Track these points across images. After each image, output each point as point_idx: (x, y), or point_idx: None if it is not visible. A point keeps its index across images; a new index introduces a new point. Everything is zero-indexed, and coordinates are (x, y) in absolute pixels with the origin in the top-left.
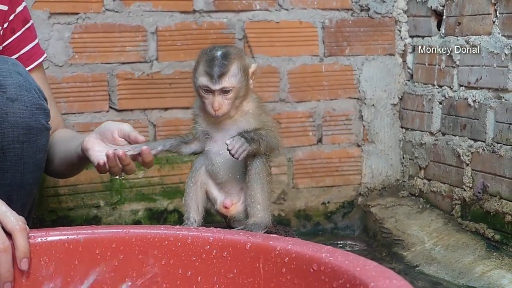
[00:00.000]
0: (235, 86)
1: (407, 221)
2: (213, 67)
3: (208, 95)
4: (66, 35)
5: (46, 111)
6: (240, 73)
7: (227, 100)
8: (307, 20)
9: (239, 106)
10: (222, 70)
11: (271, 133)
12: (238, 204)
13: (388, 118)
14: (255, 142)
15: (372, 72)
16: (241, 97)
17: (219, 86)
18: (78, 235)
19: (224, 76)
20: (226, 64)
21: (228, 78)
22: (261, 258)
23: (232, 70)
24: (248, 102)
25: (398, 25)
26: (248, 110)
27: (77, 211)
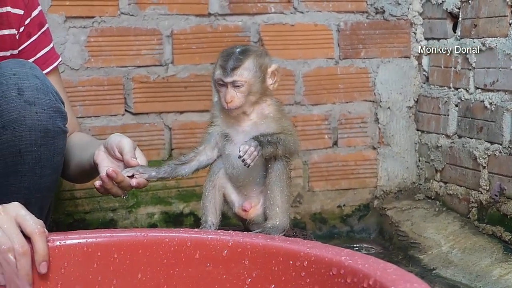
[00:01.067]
0: (247, 80)
1: (423, 224)
2: (228, 60)
3: (222, 89)
4: (81, 39)
5: (63, 114)
6: (255, 69)
7: (239, 93)
8: (322, 23)
9: (256, 104)
10: (236, 63)
11: (290, 137)
12: (257, 206)
13: (404, 120)
14: (272, 145)
15: (388, 75)
16: (256, 94)
17: (230, 78)
18: (97, 239)
19: (237, 69)
20: (241, 58)
21: (241, 72)
22: (280, 261)
23: (246, 64)
24: (269, 105)
25: (413, 28)
26: (268, 113)
27: (93, 214)
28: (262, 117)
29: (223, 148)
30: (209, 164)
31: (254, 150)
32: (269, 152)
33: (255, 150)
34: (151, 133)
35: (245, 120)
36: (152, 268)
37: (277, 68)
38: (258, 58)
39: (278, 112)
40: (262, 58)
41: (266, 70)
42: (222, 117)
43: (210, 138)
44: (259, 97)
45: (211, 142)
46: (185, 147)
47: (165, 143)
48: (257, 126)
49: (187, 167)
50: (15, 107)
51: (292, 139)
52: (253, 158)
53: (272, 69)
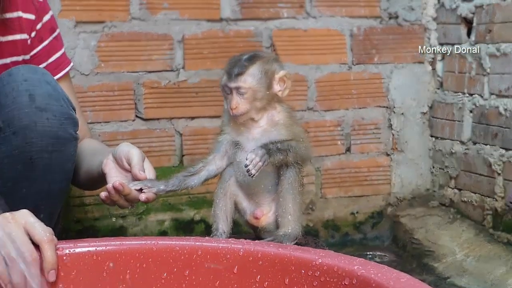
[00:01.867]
0: (251, 86)
1: (437, 232)
2: (234, 67)
3: (228, 95)
4: (92, 44)
5: (74, 121)
6: (260, 75)
7: (244, 100)
8: (335, 28)
9: (264, 111)
10: (240, 69)
11: (301, 144)
12: (268, 214)
13: (418, 126)
14: (281, 152)
15: (401, 80)
16: (262, 101)
17: (234, 84)
18: (106, 247)
19: (241, 75)
20: (245, 65)
21: (245, 78)
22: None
23: (250, 70)
24: (279, 112)
25: (427, 33)
26: (279, 120)
27: (102, 221)
28: (273, 124)
29: (234, 156)
30: (219, 173)
31: (259, 160)
32: (279, 160)
33: (261, 159)
34: (162, 139)
35: (255, 127)
36: (163, 277)
37: (285, 74)
38: (264, 64)
39: (289, 119)
40: (269, 64)
41: (273, 76)
42: (232, 125)
43: (220, 146)
44: (267, 104)
45: (220, 151)
46: (196, 153)
47: (176, 149)
48: (267, 133)
49: (195, 178)
50: (27, 113)
51: (304, 146)
52: (258, 168)
53: (280, 76)
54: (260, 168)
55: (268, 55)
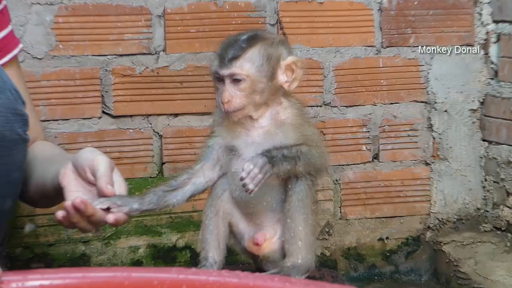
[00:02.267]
0: (249, 74)
1: (490, 264)
2: (228, 49)
3: (220, 85)
4: (47, 19)
5: (24, 118)
6: (262, 61)
7: (239, 92)
8: (359, 0)
9: (266, 107)
10: (236, 52)
11: (315, 150)
12: (273, 239)
13: (466, 128)
14: (289, 161)
15: (445, 68)
16: (263, 94)
17: (228, 71)
18: (65, 280)
19: (237, 60)
20: (243, 46)
21: (241, 63)
22: None
23: (249, 54)
24: (286, 108)
25: (478, 7)
26: (285, 119)
27: (59, 247)
28: (278, 124)
29: (229, 165)
30: (209, 187)
31: (259, 172)
32: (285, 170)
33: (260, 171)
34: (136, 142)
35: (255, 128)
36: None
37: (294, 61)
38: (267, 47)
39: (299, 117)
40: (274, 48)
41: (278, 63)
42: (225, 125)
43: (210, 153)
44: (269, 98)
45: (210, 159)
46: (180, 161)
47: (154, 155)
48: (271, 135)
49: (179, 193)
50: None
51: (318, 152)
52: (257, 182)
53: (287, 63)
54: (260, 182)
55: (273, 36)
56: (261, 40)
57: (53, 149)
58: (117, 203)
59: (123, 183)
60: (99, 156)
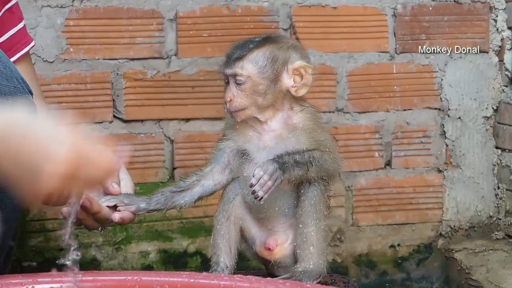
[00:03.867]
0: (250, 75)
1: (502, 272)
2: (235, 49)
3: (226, 87)
4: (58, 22)
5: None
6: (266, 62)
7: (241, 92)
8: (373, 6)
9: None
10: (240, 53)
11: (327, 155)
12: (284, 245)
13: (479, 135)
14: (301, 166)
15: (459, 75)
16: (266, 96)
17: (230, 70)
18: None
19: (240, 60)
20: (250, 47)
21: (244, 63)
22: None
23: (253, 55)
24: (298, 113)
25: (493, 13)
26: (297, 123)
27: None
28: (290, 129)
29: (240, 169)
30: (217, 190)
31: (269, 179)
32: (297, 176)
33: (270, 178)
34: (147, 147)
35: (266, 132)
36: None
37: (303, 65)
38: (274, 49)
39: (311, 122)
40: (282, 51)
41: (285, 66)
42: (237, 128)
43: (221, 156)
44: (274, 101)
45: (220, 162)
46: (191, 166)
47: (165, 160)
48: (283, 140)
49: (187, 195)
50: None
51: (331, 158)
52: (267, 189)
53: (294, 66)
54: (269, 189)
55: (286, 40)
56: (269, 43)
57: None
58: (124, 202)
59: (130, 181)
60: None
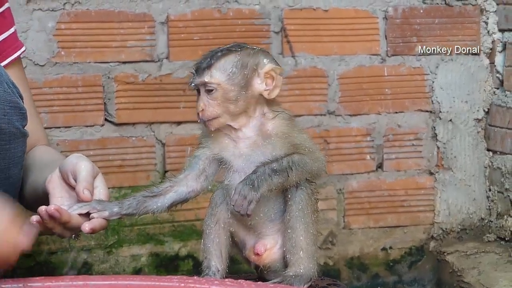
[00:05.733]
0: (219, 83)
1: (494, 274)
2: (203, 59)
3: (198, 95)
4: (49, 26)
5: (22, 112)
6: (234, 69)
7: (212, 100)
8: (365, 8)
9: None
10: (209, 62)
11: (308, 157)
12: (273, 249)
13: (471, 137)
14: (280, 174)
15: (450, 77)
16: (238, 103)
17: (199, 79)
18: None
19: (209, 68)
20: (217, 56)
21: (213, 72)
22: None
23: (221, 63)
24: (271, 119)
25: (484, 15)
26: (271, 130)
27: (61, 256)
28: (265, 136)
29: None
30: (191, 197)
31: (244, 200)
32: (277, 184)
33: (246, 199)
34: (139, 150)
35: (242, 140)
36: None
37: (273, 68)
38: (242, 56)
39: (286, 127)
40: (251, 57)
41: (256, 71)
42: (213, 136)
43: (195, 163)
44: (246, 107)
45: (195, 169)
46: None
47: (156, 163)
48: (259, 147)
49: (159, 200)
50: None
51: (312, 158)
52: (246, 208)
53: (265, 70)
54: (249, 208)
55: (253, 47)
56: (236, 50)
57: (52, 155)
58: (97, 208)
59: (105, 189)
60: (83, 161)
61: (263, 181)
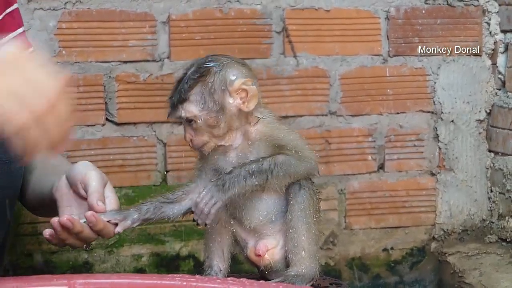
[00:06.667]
0: (195, 114)
1: (495, 275)
2: (174, 92)
3: (183, 126)
4: (50, 25)
5: None
6: (206, 98)
7: (197, 130)
8: (366, 9)
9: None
10: (180, 96)
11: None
12: (275, 250)
13: (472, 138)
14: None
15: (452, 78)
16: (219, 126)
17: (176, 114)
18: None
19: (181, 103)
20: (185, 89)
21: (185, 106)
22: None
23: (191, 96)
24: (254, 125)
25: (486, 16)
26: (255, 135)
27: (61, 255)
28: (250, 142)
29: None
30: None
31: (205, 206)
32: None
33: (207, 205)
34: (140, 150)
35: (231, 151)
36: None
37: (242, 82)
38: (208, 82)
39: (269, 130)
40: (217, 80)
41: (225, 92)
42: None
43: (202, 174)
44: (231, 125)
45: (204, 180)
46: (184, 169)
47: (157, 163)
48: (245, 154)
49: (175, 207)
50: None
51: (298, 157)
52: (205, 217)
53: (235, 89)
54: (210, 216)
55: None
56: (201, 77)
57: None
58: (118, 218)
59: (115, 199)
60: (92, 171)
61: (234, 183)
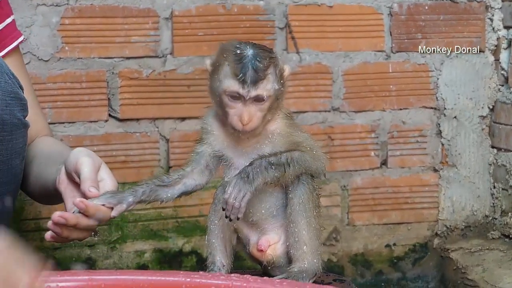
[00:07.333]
0: (271, 94)
1: (498, 271)
2: (247, 69)
3: (235, 104)
4: (53, 21)
5: (23, 103)
6: (277, 79)
7: (260, 112)
8: (369, 4)
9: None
10: (258, 74)
11: (308, 154)
12: (277, 245)
13: (475, 134)
14: (276, 168)
15: (455, 74)
16: (275, 110)
17: (254, 93)
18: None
19: (260, 82)
20: (261, 66)
21: (265, 85)
22: None
23: (269, 74)
24: (276, 119)
25: (489, 12)
26: (275, 129)
27: (64, 251)
28: (267, 134)
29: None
30: (197, 190)
31: (235, 201)
32: (274, 178)
33: (236, 199)
34: (143, 146)
35: (245, 140)
36: None
37: (290, 71)
38: (277, 62)
39: (288, 127)
40: (279, 62)
41: (283, 77)
42: (214, 134)
43: (199, 159)
44: (275, 113)
45: (200, 165)
46: None
47: (160, 159)
48: (261, 146)
49: (169, 190)
50: None
51: (312, 156)
52: (236, 212)
53: (286, 74)
54: (240, 209)
55: (267, 47)
56: (271, 56)
57: (57, 146)
58: (112, 202)
59: (111, 179)
60: (82, 158)
61: (258, 174)
